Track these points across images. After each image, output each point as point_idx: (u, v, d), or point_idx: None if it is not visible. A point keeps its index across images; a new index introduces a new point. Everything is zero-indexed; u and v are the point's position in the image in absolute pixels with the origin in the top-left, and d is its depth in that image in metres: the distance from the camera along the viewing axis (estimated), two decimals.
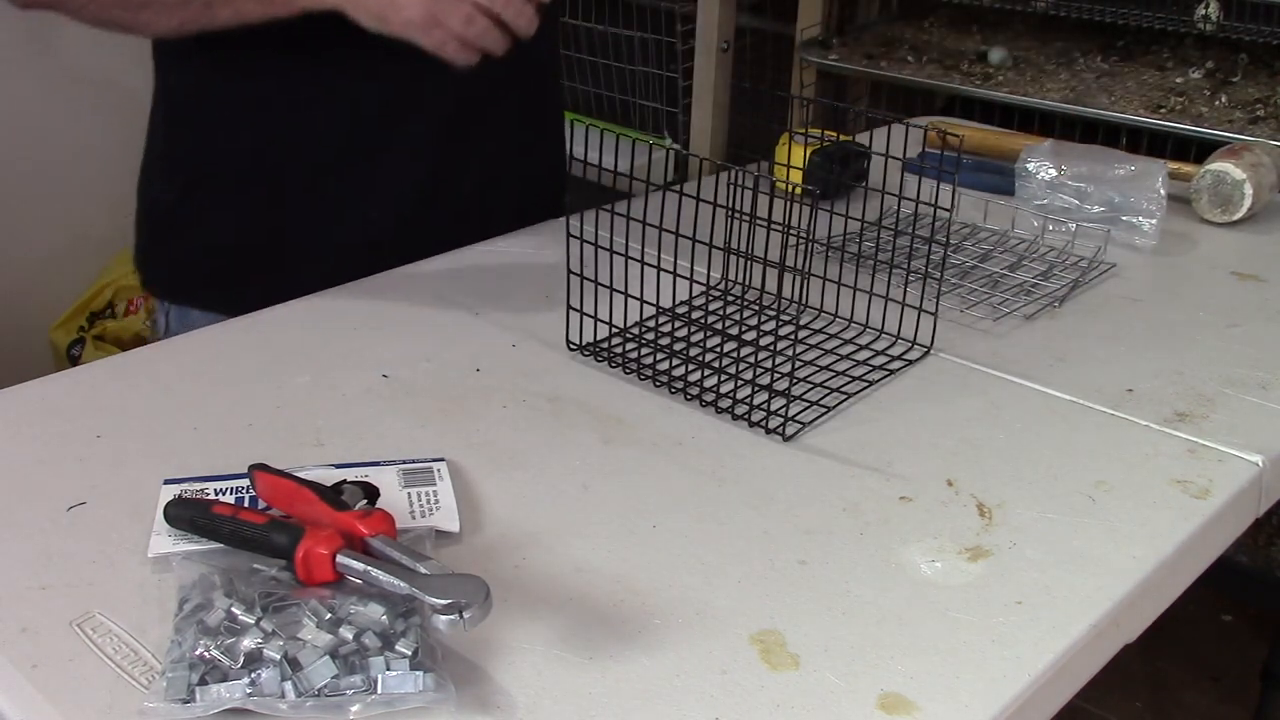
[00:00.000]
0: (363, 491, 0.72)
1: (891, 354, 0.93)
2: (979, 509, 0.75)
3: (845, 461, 0.80)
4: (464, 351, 0.92)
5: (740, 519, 0.73)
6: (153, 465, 0.76)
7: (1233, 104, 1.92)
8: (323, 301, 0.99)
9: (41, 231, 2.25)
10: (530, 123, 1.16)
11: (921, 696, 0.60)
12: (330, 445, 0.80)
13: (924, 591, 0.68)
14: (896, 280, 1.00)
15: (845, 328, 0.96)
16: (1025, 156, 1.23)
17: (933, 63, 2.20)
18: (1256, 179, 1.21)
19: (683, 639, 0.63)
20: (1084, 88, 2.04)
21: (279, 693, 0.57)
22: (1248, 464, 0.81)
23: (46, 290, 2.24)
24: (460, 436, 0.81)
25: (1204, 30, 1.93)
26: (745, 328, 0.94)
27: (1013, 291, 1.06)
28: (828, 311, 0.97)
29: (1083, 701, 0.95)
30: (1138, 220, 1.17)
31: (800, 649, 0.63)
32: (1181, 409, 0.87)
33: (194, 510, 0.68)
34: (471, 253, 1.09)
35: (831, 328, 0.96)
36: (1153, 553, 0.72)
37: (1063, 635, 0.65)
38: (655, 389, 0.87)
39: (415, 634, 0.59)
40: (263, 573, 0.63)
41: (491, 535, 0.71)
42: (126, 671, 0.59)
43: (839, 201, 1.25)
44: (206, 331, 0.94)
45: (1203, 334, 1.00)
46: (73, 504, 0.73)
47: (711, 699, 0.59)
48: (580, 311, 0.91)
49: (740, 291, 0.98)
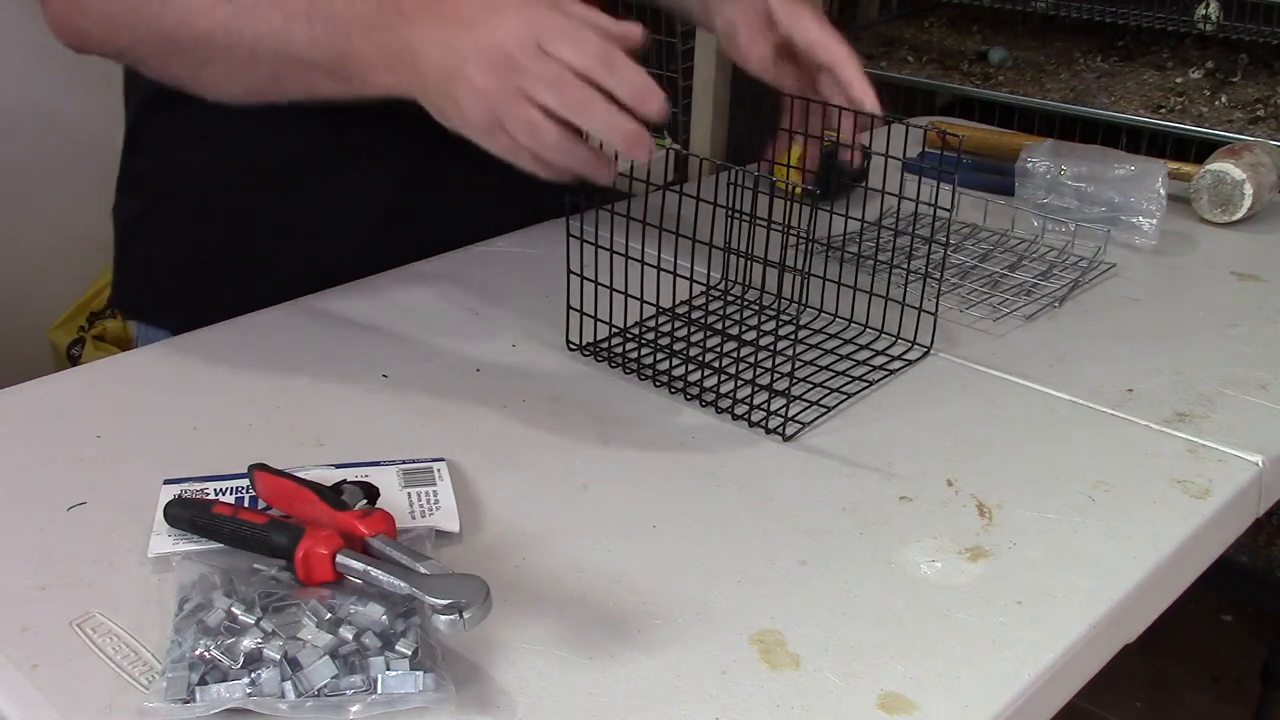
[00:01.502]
0: (363, 491, 0.72)
1: (891, 354, 0.93)
2: (979, 509, 0.75)
3: (845, 461, 0.80)
4: (464, 351, 0.92)
5: (740, 519, 0.73)
6: (153, 465, 0.76)
7: (1233, 104, 1.92)
8: (323, 301, 0.99)
9: (41, 231, 2.25)
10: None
11: (921, 696, 0.60)
12: (330, 445, 0.80)
13: (924, 591, 0.68)
14: (896, 280, 1.00)
15: (845, 328, 0.96)
16: (1025, 156, 1.23)
17: (933, 63, 2.20)
18: (1256, 179, 1.21)
19: (683, 639, 0.63)
20: (1084, 88, 2.04)
21: (279, 693, 0.57)
22: (1247, 464, 0.81)
23: (46, 290, 2.24)
24: (460, 436, 0.81)
25: (1204, 30, 1.93)
26: (745, 328, 0.94)
27: (1013, 291, 1.06)
28: (828, 312, 0.97)
29: (1083, 701, 0.95)
30: (1138, 220, 1.17)
31: (800, 649, 0.63)
32: (1181, 409, 0.87)
33: (194, 510, 0.68)
34: (471, 253, 1.09)
35: (832, 328, 0.96)
36: (1153, 553, 0.72)
37: (1063, 635, 0.65)
38: (655, 389, 0.87)
39: (415, 634, 0.59)
40: (263, 573, 0.63)
41: (491, 535, 0.71)
42: (126, 671, 0.59)
43: (839, 202, 1.25)
44: (206, 332, 0.94)
45: (1203, 334, 1.00)
46: (73, 504, 0.73)
47: (711, 699, 0.59)
48: (580, 311, 0.91)
49: (740, 292, 0.98)
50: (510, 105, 0.74)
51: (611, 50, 0.74)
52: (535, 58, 0.73)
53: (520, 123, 0.74)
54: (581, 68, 0.73)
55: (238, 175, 1.02)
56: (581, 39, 0.73)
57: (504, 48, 0.73)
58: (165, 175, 1.05)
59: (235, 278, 1.04)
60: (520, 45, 0.73)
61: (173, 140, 1.03)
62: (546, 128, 0.74)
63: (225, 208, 1.04)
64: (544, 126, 0.74)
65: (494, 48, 0.73)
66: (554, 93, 0.73)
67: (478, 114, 0.75)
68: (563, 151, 0.75)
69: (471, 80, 0.74)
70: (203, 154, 1.02)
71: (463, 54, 0.74)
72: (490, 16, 0.75)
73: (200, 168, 1.03)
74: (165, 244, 1.07)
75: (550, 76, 0.73)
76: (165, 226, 1.06)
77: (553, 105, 0.73)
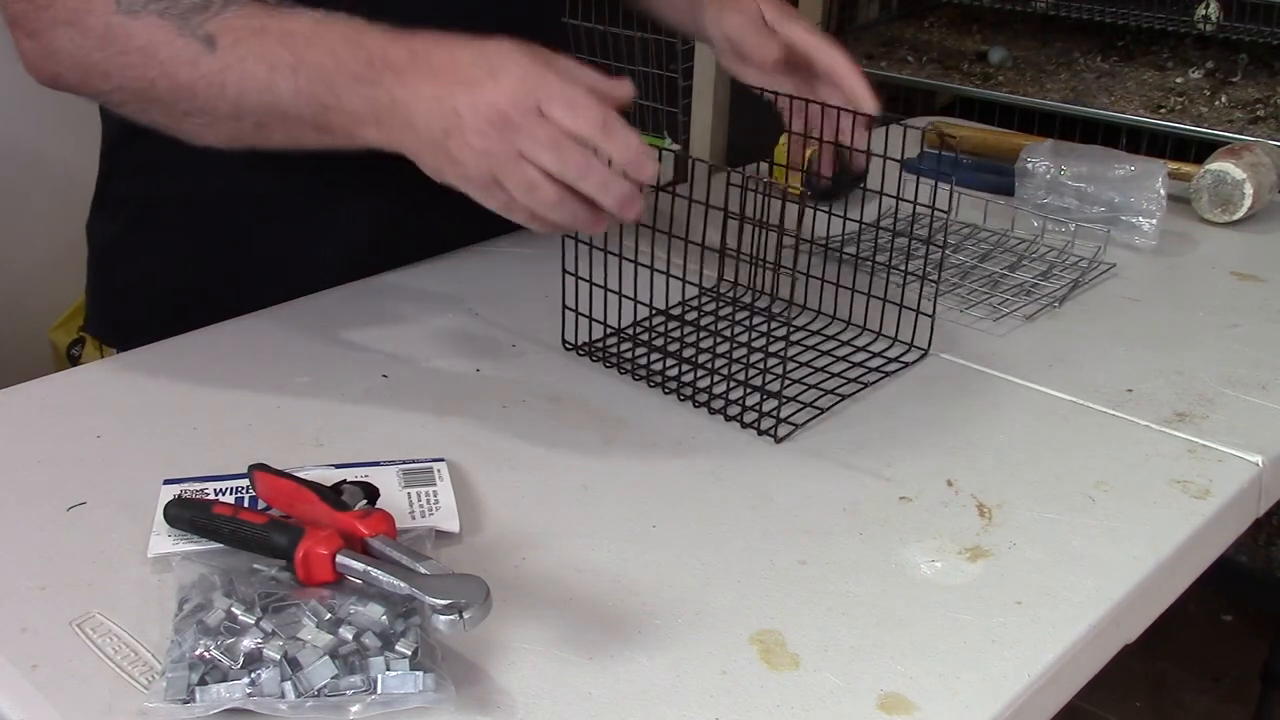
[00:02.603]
0: (363, 491, 0.72)
1: (889, 355, 0.93)
2: (979, 509, 0.75)
3: (845, 461, 0.80)
4: (464, 351, 0.92)
5: (740, 519, 0.73)
6: (153, 465, 0.76)
7: (1233, 104, 1.92)
8: (323, 301, 0.99)
9: (41, 232, 2.25)
10: None
11: (921, 696, 0.60)
12: (330, 445, 0.80)
13: (924, 591, 0.68)
14: (895, 281, 1.00)
15: (843, 329, 0.96)
16: (1025, 156, 1.23)
17: (933, 63, 2.20)
18: (1256, 179, 1.21)
19: (683, 639, 0.63)
20: (1084, 88, 2.04)
21: (279, 693, 0.57)
22: (1247, 464, 0.81)
23: (46, 290, 2.24)
24: (460, 436, 0.81)
25: (1204, 30, 1.93)
26: (740, 328, 0.94)
27: (1012, 292, 1.06)
28: (825, 313, 0.97)
29: (1083, 701, 0.95)
30: (1138, 220, 1.17)
31: (800, 649, 0.63)
32: (1181, 409, 0.87)
33: (194, 510, 0.68)
34: (471, 253, 1.09)
35: (830, 329, 0.96)
36: (1153, 553, 0.72)
37: (1063, 635, 0.65)
38: (653, 389, 0.87)
39: (415, 634, 0.59)
40: (263, 573, 0.63)
41: (491, 535, 0.71)
42: (126, 671, 0.59)
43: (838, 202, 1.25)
44: (206, 332, 0.94)
45: (1203, 334, 1.00)
46: (73, 504, 0.73)
47: (711, 699, 0.59)
48: (575, 311, 0.91)
49: (737, 292, 0.98)
50: (509, 165, 0.74)
51: (607, 113, 0.74)
52: (533, 120, 0.73)
53: (519, 182, 0.74)
54: (578, 132, 0.73)
55: (219, 202, 1.00)
56: (578, 103, 0.73)
57: (502, 109, 0.73)
58: (144, 199, 1.03)
59: (213, 305, 0.99)
60: (518, 107, 0.73)
61: (152, 164, 1.00)
62: (545, 187, 0.74)
63: (205, 235, 1.02)
64: (542, 186, 0.74)
65: (491, 108, 0.73)
66: (552, 155, 0.73)
67: (477, 173, 0.75)
68: (559, 210, 0.75)
69: (469, 140, 0.74)
70: (184, 179, 0.99)
71: (459, 113, 0.74)
72: (485, 75, 0.74)
73: (182, 193, 1.00)
74: (144, 269, 1.04)
75: (548, 139, 0.73)
76: (144, 251, 1.04)
77: (551, 168, 0.73)
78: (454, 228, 1.07)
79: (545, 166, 0.73)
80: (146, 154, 0.99)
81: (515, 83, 0.74)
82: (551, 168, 0.73)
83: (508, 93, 0.73)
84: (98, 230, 1.07)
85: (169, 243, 1.03)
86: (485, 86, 0.74)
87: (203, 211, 1.01)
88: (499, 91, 0.73)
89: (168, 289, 1.04)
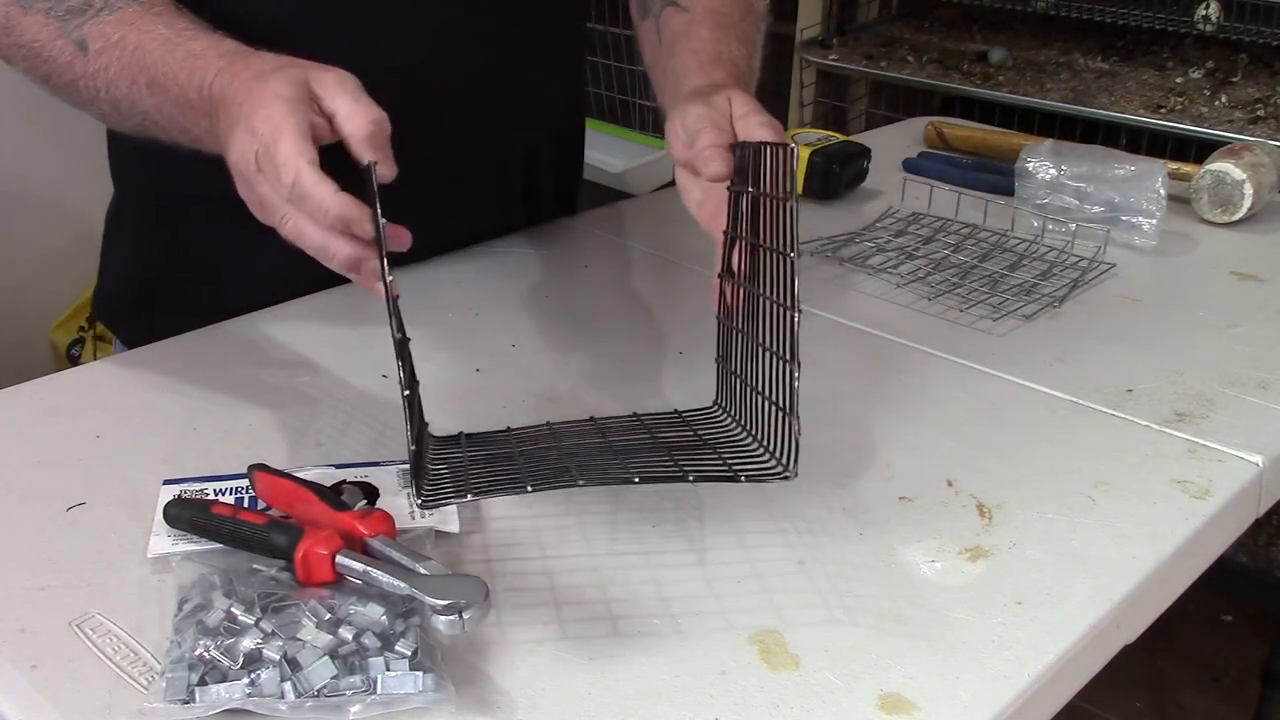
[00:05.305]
0: (362, 491, 0.72)
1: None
2: (979, 509, 0.75)
3: (845, 461, 0.80)
4: (464, 351, 0.92)
5: (740, 518, 0.73)
6: (153, 465, 0.76)
7: (1233, 104, 1.92)
8: (322, 301, 0.99)
9: (41, 231, 2.25)
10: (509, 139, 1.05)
11: (921, 696, 0.60)
12: (330, 445, 0.80)
13: (924, 591, 0.68)
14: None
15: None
16: (1025, 156, 1.23)
17: (933, 63, 2.20)
18: (1256, 179, 1.21)
19: (683, 639, 0.63)
20: (1084, 88, 2.04)
21: (278, 693, 0.57)
22: (1247, 464, 0.81)
23: (46, 290, 2.24)
24: None
25: (1204, 30, 1.93)
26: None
27: (1013, 291, 1.06)
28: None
29: (1083, 701, 0.95)
30: (1138, 220, 1.17)
31: (800, 649, 0.63)
32: (1181, 409, 0.87)
33: (194, 510, 0.68)
34: (472, 253, 1.09)
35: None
36: (1153, 553, 0.72)
37: (1063, 635, 0.65)
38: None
39: (415, 634, 0.59)
40: (262, 573, 0.63)
41: (491, 535, 0.71)
42: (126, 672, 0.59)
43: (838, 202, 1.25)
44: (206, 332, 0.94)
45: (1203, 334, 1.00)
46: (73, 504, 0.73)
47: (711, 699, 0.59)
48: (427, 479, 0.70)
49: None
50: (264, 215, 0.72)
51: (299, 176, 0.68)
52: (257, 179, 0.70)
53: (252, 198, 0.72)
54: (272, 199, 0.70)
55: (220, 198, 0.99)
56: (275, 163, 0.69)
57: (234, 163, 0.72)
58: (145, 189, 1.03)
59: (211, 299, 0.98)
60: (243, 166, 0.71)
61: (134, 146, 0.98)
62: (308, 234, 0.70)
63: (189, 214, 1.01)
64: (306, 233, 0.70)
65: (235, 162, 0.72)
66: (263, 216, 0.71)
67: (235, 158, 0.71)
68: (324, 255, 0.70)
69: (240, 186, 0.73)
70: (166, 156, 0.96)
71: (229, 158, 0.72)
72: (236, 123, 0.71)
73: (180, 184, 0.99)
74: (131, 248, 1.05)
75: (256, 201, 0.71)
76: (131, 229, 1.05)
77: (277, 228, 0.71)
78: (454, 228, 1.07)
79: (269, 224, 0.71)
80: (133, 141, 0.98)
81: (237, 141, 0.71)
82: (277, 227, 0.71)
83: (234, 153, 0.71)
84: (109, 210, 1.08)
85: (150, 221, 1.03)
86: (233, 136, 0.72)
87: (201, 205, 1.00)
88: (233, 149, 0.72)
89: (144, 272, 1.04)
